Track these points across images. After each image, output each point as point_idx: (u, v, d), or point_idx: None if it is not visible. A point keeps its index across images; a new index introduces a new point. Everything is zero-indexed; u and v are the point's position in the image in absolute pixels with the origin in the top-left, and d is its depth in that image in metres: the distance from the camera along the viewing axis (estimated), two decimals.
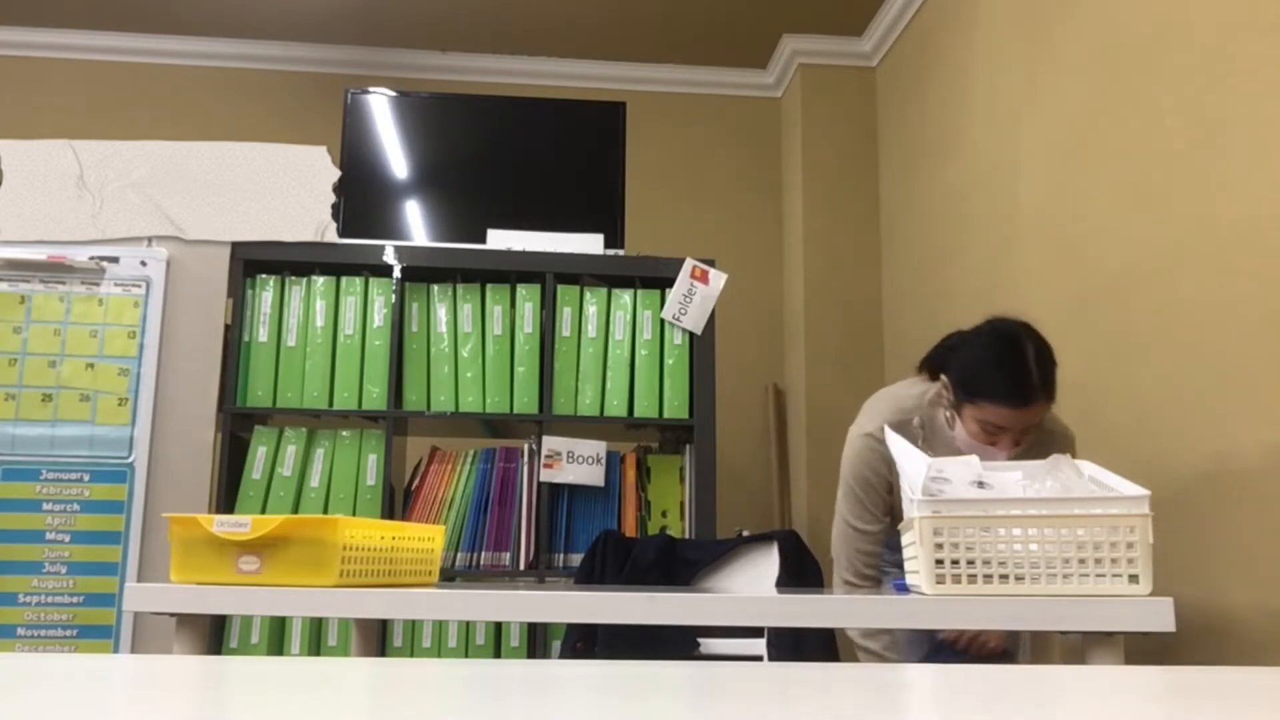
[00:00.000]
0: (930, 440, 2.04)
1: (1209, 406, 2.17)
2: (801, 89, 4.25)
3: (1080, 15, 2.74)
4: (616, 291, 2.83)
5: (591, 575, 2.46)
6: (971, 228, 3.33)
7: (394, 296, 2.76)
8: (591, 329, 2.80)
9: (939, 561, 1.48)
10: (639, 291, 2.83)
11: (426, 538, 1.80)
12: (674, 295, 2.79)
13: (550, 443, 2.70)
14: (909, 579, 1.63)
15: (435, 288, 2.81)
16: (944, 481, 1.59)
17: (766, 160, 4.50)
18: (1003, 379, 1.87)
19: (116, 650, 2.51)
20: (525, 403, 2.75)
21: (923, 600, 1.46)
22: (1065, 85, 2.80)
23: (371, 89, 3.20)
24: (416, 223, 3.14)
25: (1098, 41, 2.65)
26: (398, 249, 2.79)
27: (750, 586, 2.33)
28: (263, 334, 2.74)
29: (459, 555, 2.68)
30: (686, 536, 2.73)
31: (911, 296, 3.83)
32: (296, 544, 1.54)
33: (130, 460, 2.59)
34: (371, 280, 2.79)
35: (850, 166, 4.19)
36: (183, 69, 4.33)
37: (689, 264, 2.80)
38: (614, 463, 2.77)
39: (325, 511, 2.67)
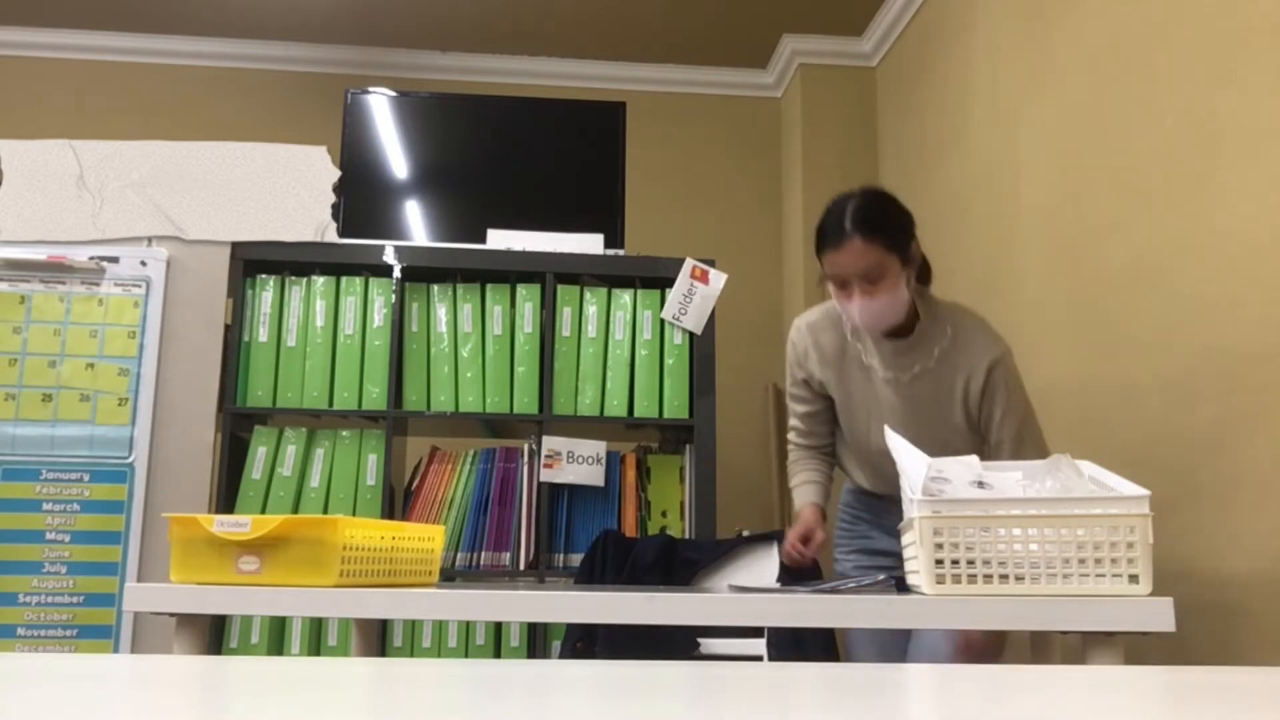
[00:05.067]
0: (857, 333, 2.15)
1: (1209, 406, 2.17)
2: (801, 89, 4.25)
3: (1080, 15, 2.74)
4: (616, 291, 2.83)
5: (591, 575, 2.45)
6: (971, 228, 3.33)
7: (394, 296, 2.76)
8: (591, 329, 2.80)
9: (939, 561, 1.48)
10: (639, 291, 2.82)
11: (426, 538, 1.80)
12: (674, 295, 2.79)
13: (550, 443, 2.70)
14: (909, 579, 1.63)
15: (435, 288, 2.81)
16: (944, 481, 1.59)
17: (766, 160, 4.50)
18: (823, 224, 2.03)
19: (116, 650, 2.51)
20: (525, 403, 2.75)
21: (923, 600, 1.46)
22: (1065, 85, 2.80)
23: (371, 89, 3.20)
24: (416, 223, 3.14)
25: (1098, 41, 2.65)
26: (398, 249, 2.79)
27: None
28: (263, 334, 2.74)
29: (459, 555, 2.68)
30: (686, 536, 2.72)
31: None
32: (296, 544, 1.54)
33: (130, 460, 2.59)
34: (371, 280, 2.79)
35: (850, 166, 4.19)
36: (183, 69, 4.33)
37: (689, 264, 2.80)
38: (614, 463, 2.77)
39: (325, 511, 2.67)
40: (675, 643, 2.26)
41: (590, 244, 2.88)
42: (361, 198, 3.03)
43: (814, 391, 2.26)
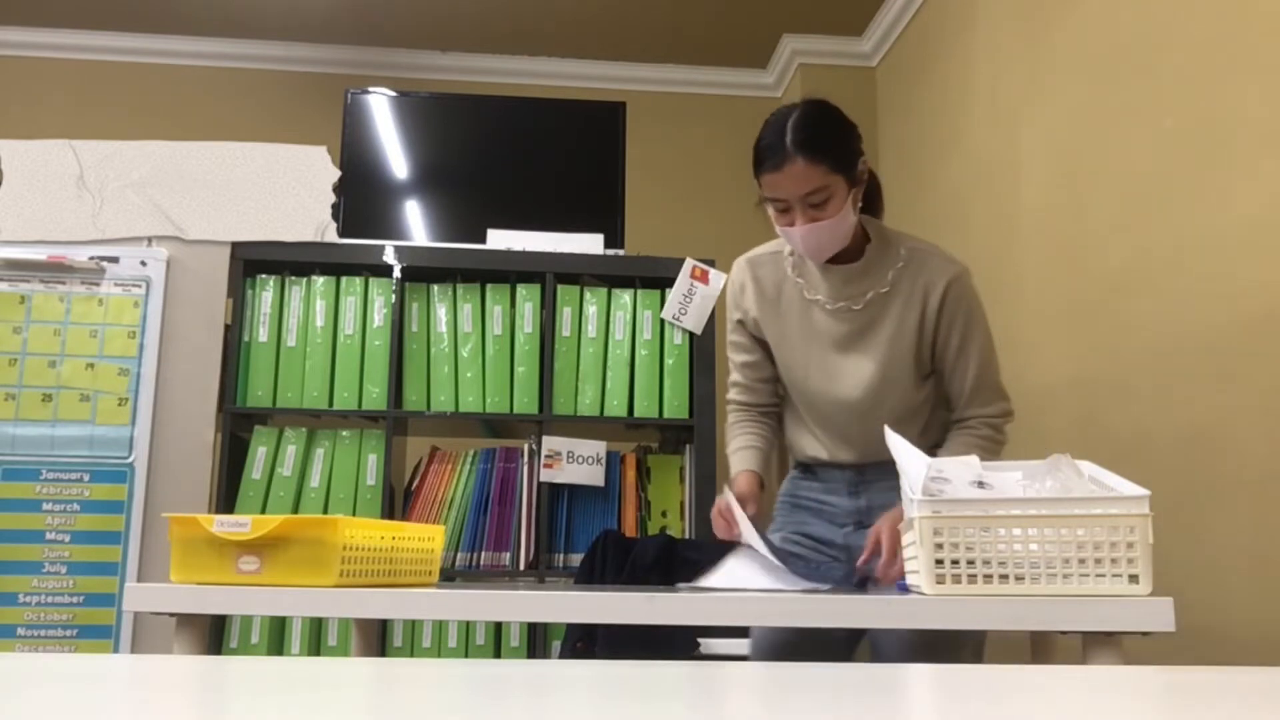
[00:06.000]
0: (800, 268, 2.00)
1: (1209, 406, 2.17)
2: (801, 89, 4.25)
3: (1080, 15, 2.74)
4: (616, 291, 2.83)
5: (591, 575, 2.45)
6: (971, 228, 3.33)
7: (394, 296, 2.76)
8: (591, 329, 2.80)
9: (939, 561, 1.48)
10: (639, 291, 2.83)
11: (426, 538, 1.80)
12: (674, 295, 2.79)
13: (550, 443, 2.70)
14: (909, 579, 1.63)
15: (435, 288, 2.81)
16: (944, 481, 1.59)
17: None
18: (761, 141, 1.86)
19: (116, 650, 2.51)
20: (525, 403, 2.75)
21: (922, 600, 1.46)
22: (1065, 85, 2.80)
23: (371, 89, 3.20)
24: (416, 223, 3.14)
25: (1098, 41, 2.65)
26: (398, 249, 2.79)
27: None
28: (263, 334, 2.74)
29: (459, 555, 2.68)
30: (686, 536, 2.72)
31: None
32: (296, 544, 1.54)
33: (130, 460, 2.59)
34: (371, 280, 2.79)
35: None
36: (183, 69, 4.33)
37: (689, 264, 2.80)
38: (614, 463, 2.77)
39: (325, 511, 2.67)
40: (675, 643, 2.26)
41: (590, 244, 2.88)
42: (361, 198, 3.03)
43: (750, 335, 2.05)
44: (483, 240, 2.87)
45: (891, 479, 1.86)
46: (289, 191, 2.79)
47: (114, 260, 2.67)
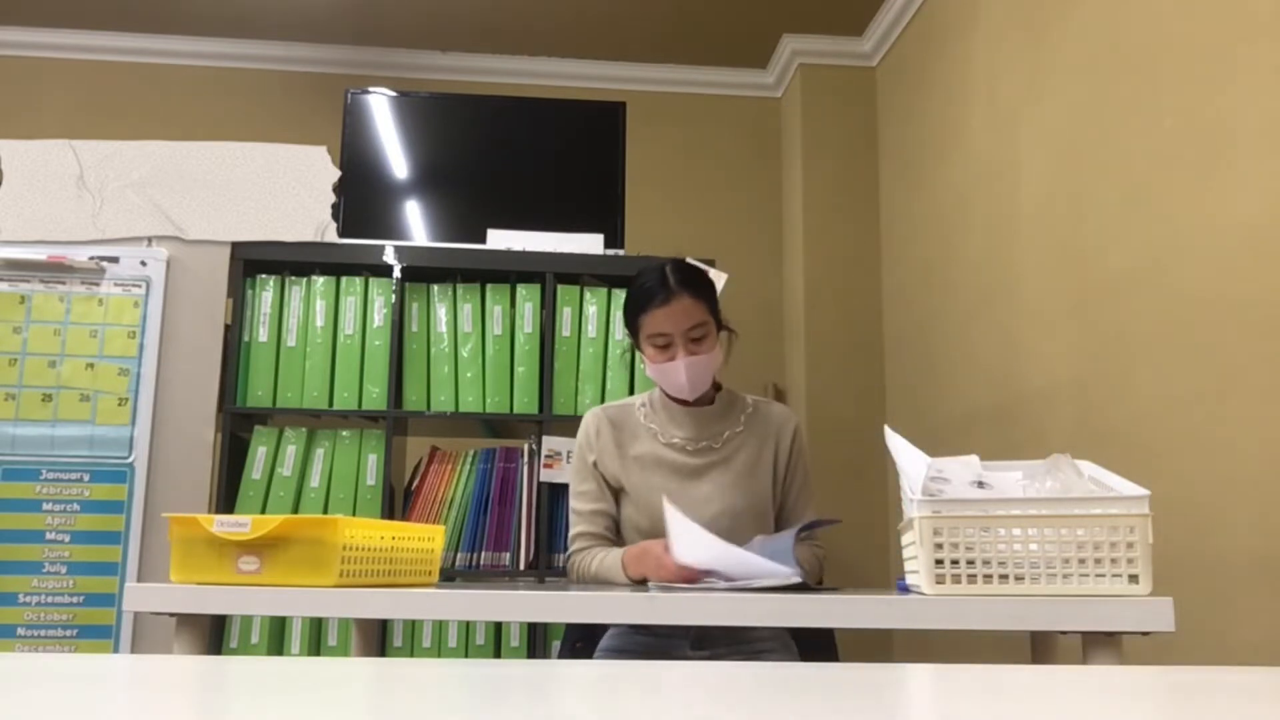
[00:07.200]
0: (652, 416, 2.12)
1: (1209, 406, 2.17)
2: (801, 89, 4.25)
3: (1080, 15, 2.74)
4: (616, 291, 2.83)
5: None
6: (971, 228, 3.33)
7: (394, 296, 2.76)
8: (591, 329, 2.80)
9: (939, 561, 1.48)
10: None
11: (426, 538, 1.80)
12: None
13: (550, 443, 2.70)
14: (909, 579, 1.63)
15: (435, 288, 2.81)
16: (944, 481, 1.59)
17: (766, 160, 4.49)
18: (643, 286, 2.04)
19: (116, 650, 2.51)
20: (525, 403, 2.75)
21: (923, 600, 1.46)
22: (1065, 85, 2.80)
23: (371, 89, 3.20)
24: (416, 223, 3.14)
25: (1098, 41, 2.65)
26: (398, 249, 2.79)
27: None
28: (263, 334, 2.74)
29: (459, 555, 2.68)
30: None
31: (911, 296, 3.83)
32: (296, 544, 1.54)
33: (130, 460, 2.59)
34: (371, 280, 2.79)
35: (850, 166, 4.19)
36: (183, 69, 4.33)
37: None
38: None
39: (325, 511, 2.67)
40: None
41: (590, 244, 2.88)
42: (361, 198, 3.03)
43: (602, 480, 2.09)
44: (483, 240, 2.87)
45: (740, 645, 1.92)
46: (289, 191, 2.79)
47: (114, 260, 2.67)
